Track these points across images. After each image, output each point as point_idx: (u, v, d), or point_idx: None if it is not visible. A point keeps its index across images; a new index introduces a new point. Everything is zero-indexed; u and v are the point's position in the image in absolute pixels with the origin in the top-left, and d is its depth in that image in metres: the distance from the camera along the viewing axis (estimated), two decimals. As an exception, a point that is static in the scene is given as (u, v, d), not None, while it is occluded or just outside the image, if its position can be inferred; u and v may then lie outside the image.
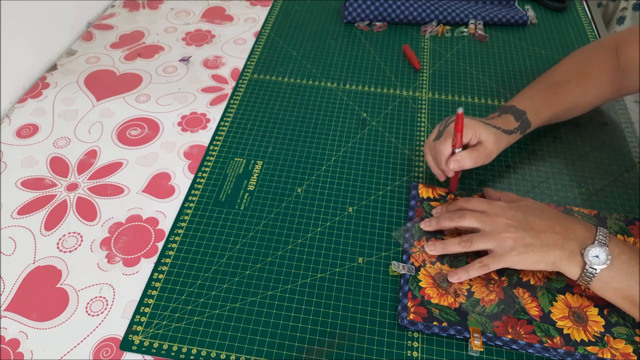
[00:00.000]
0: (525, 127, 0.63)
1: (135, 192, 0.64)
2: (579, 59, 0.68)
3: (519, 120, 0.62)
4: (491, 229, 0.52)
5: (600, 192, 0.64)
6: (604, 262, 0.48)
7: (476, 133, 0.58)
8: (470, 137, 0.58)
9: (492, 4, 0.95)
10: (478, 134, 0.58)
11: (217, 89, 0.79)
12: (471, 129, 0.58)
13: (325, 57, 0.84)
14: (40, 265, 0.56)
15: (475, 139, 0.59)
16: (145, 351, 0.49)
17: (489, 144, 0.58)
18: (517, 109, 0.63)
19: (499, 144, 0.60)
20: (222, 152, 0.68)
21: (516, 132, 0.62)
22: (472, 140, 0.59)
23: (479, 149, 0.58)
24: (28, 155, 0.68)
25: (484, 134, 0.58)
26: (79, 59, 0.83)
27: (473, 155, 0.58)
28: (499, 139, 0.60)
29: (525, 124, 0.63)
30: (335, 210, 0.62)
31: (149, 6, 0.96)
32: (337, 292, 0.54)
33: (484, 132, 0.58)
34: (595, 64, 0.66)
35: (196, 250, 0.57)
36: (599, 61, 0.66)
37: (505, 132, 0.61)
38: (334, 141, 0.70)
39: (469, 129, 0.58)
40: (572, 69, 0.67)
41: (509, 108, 0.64)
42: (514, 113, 0.63)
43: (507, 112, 0.63)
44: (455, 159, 0.57)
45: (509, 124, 0.62)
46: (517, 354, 0.49)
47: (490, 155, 0.59)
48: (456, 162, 0.57)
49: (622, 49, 0.65)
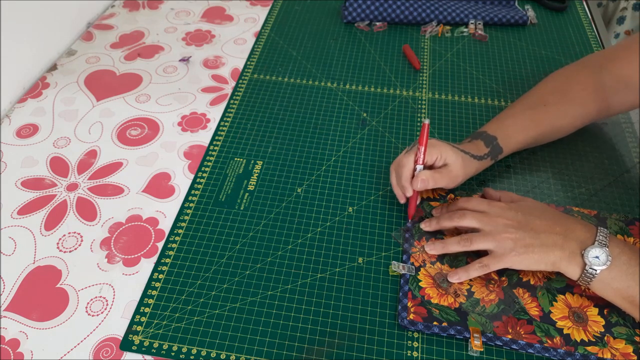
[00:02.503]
0: (496, 153, 0.61)
1: (135, 192, 0.64)
2: (559, 79, 0.66)
3: (489, 146, 0.61)
4: (491, 229, 0.52)
5: (600, 192, 0.64)
6: (604, 262, 0.48)
7: (442, 154, 0.57)
8: (435, 158, 0.57)
9: (492, 4, 0.95)
10: (444, 156, 0.57)
11: (217, 89, 0.79)
12: (437, 150, 0.57)
13: (325, 57, 0.84)
14: (40, 265, 0.56)
15: (441, 161, 0.57)
16: (145, 351, 0.49)
17: (456, 168, 0.57)
18: (488, 134, 0.62)
19: (467, 169, 0.59)
20: (222, 152, 0.68)
21: (486, 158, 0.61)
22: (437, 161, 0.57)
23: (443, 171, 0.57)
24: (28, 155, 0.68)
25: (450, 156, 0.57)
26: (79, 59, 0.83)
27: (436, 176, 0.56)
28: (466, 164, 0.58)
29: (496, 150, 0.61)
30: (335, 210, 0.62)
31: (149, 6, 0.96)
32: (337, 292, 0.54)
33: (450, 154, 0.57)
34: (577, 83, 0.64)
35: (196, 250, 0.57)
36: (582, 80, 0.63)
37: (475, 157, 0.59)
38: (334, 141, 0.70)
39: (434, 149, 0.56)
40: (552, 89, 0.65)
41: (480, 134, 0.62)
42: (485, 139, 0.61)
43: (477, 138, 0.62)
44: (421, 178, 0.56)
45: (478, 150, 0.60)
46: (517, 354, 0.49)
47: (456, 180, 0.58)
48: (422, 181, 0.55)
49: (610, 66, 0.62)
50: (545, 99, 0.64)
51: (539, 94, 0.65)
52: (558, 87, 0.65)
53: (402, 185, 0.57)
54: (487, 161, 0.61)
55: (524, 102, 0.65)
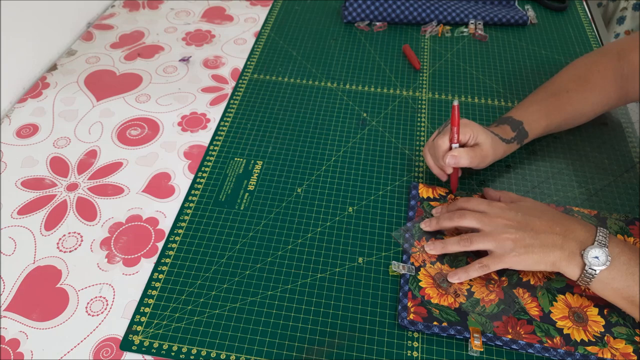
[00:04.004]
0: (522, 137, 0.63)
1: (135, 192, 0.64)
2: (581, 66, 0.67)
3: (516, 130, 0.63)
4: (491, 229, 0.52)
5: (600, 192, 0.64)
6: (604, 263, 0.48)
7: (474, 133, 0.59)
8: (468, 137, 0.59)
9: (492, 4, 0.95)
10: (476, 135, 0.59)
11: (217, 89, 0.79)
12: (469, 129, 0.59)
13: (325, 57, 0.84)
14: (40, 265, 0.56)
15: (473, 140, 0.59)
16: (145, 351, 0.49)
17: (486, 147, 0.59)
18: (514, 119, 0.64)
19: (496, 150, 0.60)
20: (222, 152, 0.68)
21: (513, 141, 0.62)
22: (470, 140, 0.59)
23: (476, 149, 0.59)
24: (28, 155, 0.68)
25: (481, 135, 0.59)
26: (79, 59, 0.83)
27: (470, 153, 0.58)
28: (496, 145, 0.60)
29: (522, 135, 0.63)
30: (335, 210, 0.62)
31: (149, 6, 0.96)
32: (337, 292, 0.54)
33: (481, 133, 0.59)
34: (597, 71, 0.65)
35: (196, 250, 0.58)
36: (602, 67, 0.65)
37: (503, 140, 0.61)
38: (334, 141, 0.70)
39: (467, 128, 0.58)
40: (573, 76, 0.67)
41: (506, 119, 0.64)
42: (511, 123, 0.63)
43: (504, 123, 0.64)
44: (452, 154, 0.58)
45: (506, 134, 0.62)
46: (517, 354, 0.49)
47: (486, 159, 0.60)
48: (452, 157, 0.57)
49: (626, 55, 0.64)
50: (568, 86, 0.66)
51: (562, 81, 0.67)
52: (579, 74, 0.66)
53: (440, 164, 0.59)
54: (513, 145, 0.63)
55: (548, 88, 0.67)
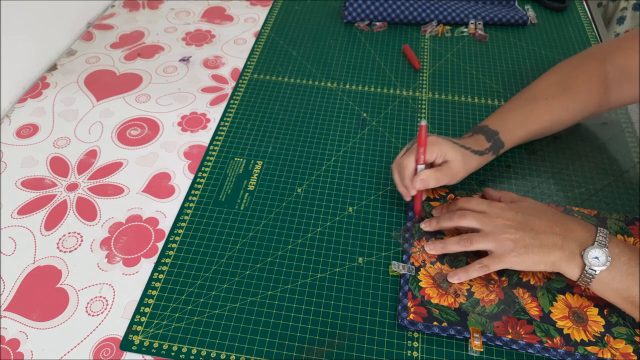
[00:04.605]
0: (497, 147, 0.61)
1: (135, 192, 0.64)
2: (562, 71, 0.65)
3: (491, 140, 0.60)
4: (491, 229, 0.52)
5: (600, 192, 0.64)
6: (604, 263, 0.48)
7: (442, 152, 0.57)
8: (435, 156, 0.57)
9: (492, 4, 0.95)
10: (444, 153, 0.57)
11: (217, 89, 0.79)
12: (437, 147, 0.56)
13: (325, 57, 0.84)
14: (40, 265, 0.56)
15: (441, 158, 0.57)
16: (145, 351, 0.49)
17: (456, 164, 0.57)
18: (490, 129, 0.61)
19: (467, 165, 0.58)
20: (222, 152, 0.68)
21: (487, 152, 0.60)
22: (437, 158, 0.57)
23: (444, 169, 0.57)
24: (28, 155, 0.68)
25: (450, 153, 0.57)
26: (79, 59, 0.83)
27: (437, 174, 0.56)
28: (467, 160, 0.58)
29: (497, 145, 0.61)
30: (335, 210, 0.62)
31: (149, 6, 0.96)
32: (337, 292, 0.54)
33: (450, 151, 0.57)
34: (582, 74, 0.63)
35: (196, 250, 0.58)
36: (586, 70, 0.63)
37: (476, 152, 0.59)
38: (334, 141, 0.70)
39: (435, 146, 0.56)
40: (554, 82, 0.64)
41: (481, 128, 0.62)
42: (486, 133, 0.61)
43: (478, 132, 0.61)
44: (420, 178, 0.56)
45: (480, 145, 0.60)
46: (517, 354, 0.49)
47: (456, 177, 0.58)
48: (421, 181, 0.55)
49: (613, 57, 0.62)
50: (548, 92, 0.63)
51: (541, 86, 0.65)
52: (560, 80, 0.64)
53: (406, 185, 0.58)
54: (488, 156, 0.61)
55: (526, 95, 0.65)
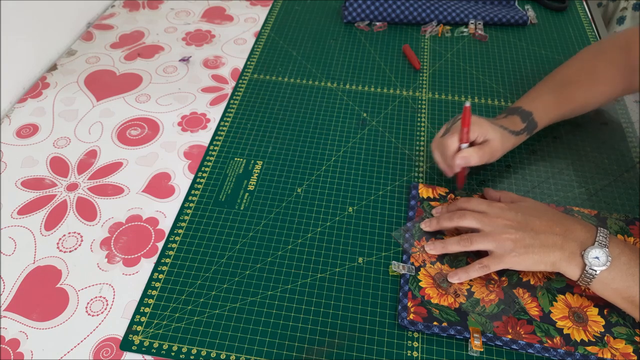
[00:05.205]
0: (532, 128, 0.63)
1: (135, 192, 0.64)
2: (588, 57, 0.67)
3: (526, 121, 0.63)
4: (491, 229, 0.52)
5: (600, 192, 0.64)
6: (604, 263, 0.48)
7: (483, 131, 0.58)
8: (477, 135, 0.59)
9: (492, 4, 0.95)
10: (485, 132, 0.59)
11: (217, 89, 0.79)
12: (478, 127, 0.58)
13: (325, 57, 0.84)
14: (40, 265, 0.56)
15: (482, 137, 0.59)
16: (145, 351, 0.49)
17: (495, 143, 0.59)
18: (524, 110, 0.63)
19: (505, 144, 0.60)
20: (222, 152, 0.68)
21: (523, 133, 0.62)
22: (478, 137, 0.59)
23: (485, 147, 0.58)
24: (28, 155, 0.68)
25: (490, 132, 0.59)
26: (79, 59, 0.83)
27: (479, 152, 0.58)
28: (505, 139, 0.60)
29: (532, 125, 0.63)
30: (335, 210, 0.62)
31: (149, 6, 0.96)
32: (337, 292, 0.54)
33: (490, 130, 0.59)
34: (604, 62, 0.65)
35: (196, 250, 0.58)
36: (609, 58, 0.65)
37: (512, 132, 0.61)
38: (334, 141, 0.70)
39: (476, 126, 0.58)
40: (581, 67, 0.67)
41: (515, 109, 0.64)
42: (521, 114, 0.63)
43: (513, 114, 0.63)
44: (462, 155, 0.57)
45: (515, 125, 0.62)
46: (517, 354, 0.49)
47: (495, 154, 0.60)
48: (462, 158, 0.57)
49: (634, 47, 0.64)
50: (577, 76, 0.66)
51: (571, 71, 0.67)
52: (587, 65, 0.66)
53: (448, 164, 0.59)
54: (523, 136, 0.63)
55: (556, 79, 0.67)
